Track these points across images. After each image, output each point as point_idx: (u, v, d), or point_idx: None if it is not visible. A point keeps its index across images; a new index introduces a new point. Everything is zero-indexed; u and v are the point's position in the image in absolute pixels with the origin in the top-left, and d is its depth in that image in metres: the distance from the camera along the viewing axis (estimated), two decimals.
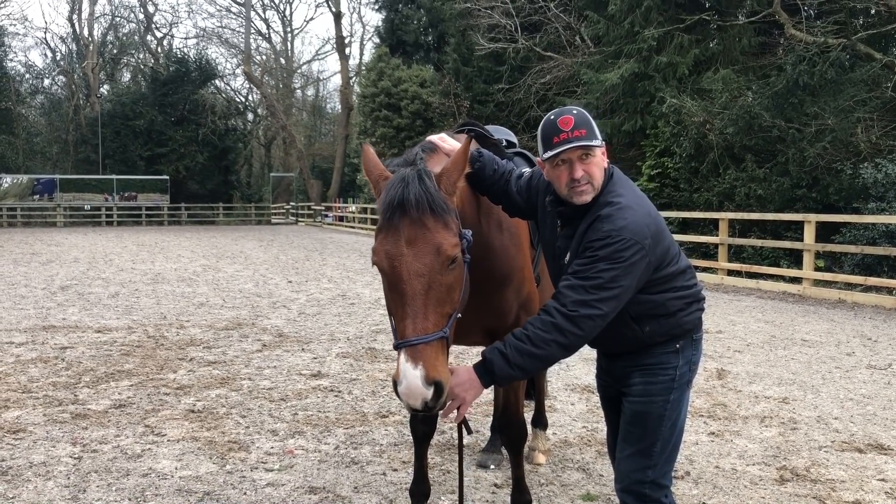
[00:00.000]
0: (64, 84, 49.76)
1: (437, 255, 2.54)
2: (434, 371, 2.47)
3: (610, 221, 2.57)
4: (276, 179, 54.18)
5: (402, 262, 2.53)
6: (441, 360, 2.52)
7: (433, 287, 2.54)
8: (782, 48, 17.13)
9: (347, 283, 14.46)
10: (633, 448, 2.79)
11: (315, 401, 6.09)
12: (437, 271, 2.54)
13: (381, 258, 2.59)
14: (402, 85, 32.31)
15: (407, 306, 2.52)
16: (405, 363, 2.46)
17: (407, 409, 2.57)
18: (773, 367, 7.49)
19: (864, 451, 5.00)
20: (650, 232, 2.60)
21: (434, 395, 2.47)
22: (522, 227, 3.43)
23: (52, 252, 21.63)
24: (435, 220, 2.57)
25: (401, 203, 2.56)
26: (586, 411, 5.91)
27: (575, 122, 2.64)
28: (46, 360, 7.42)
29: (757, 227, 16.29)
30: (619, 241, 2.53)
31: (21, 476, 4.42)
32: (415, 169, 2.66)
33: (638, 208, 2.64)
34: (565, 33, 23.59)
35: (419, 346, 2.47)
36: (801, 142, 15.35)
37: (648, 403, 2.76)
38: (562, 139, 2.63)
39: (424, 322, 2.50)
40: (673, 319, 2.75)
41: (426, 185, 2.60)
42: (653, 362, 2.78)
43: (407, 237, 2.55)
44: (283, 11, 65.19)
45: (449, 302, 2.60)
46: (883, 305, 11.70)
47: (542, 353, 2.55)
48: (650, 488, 2.77)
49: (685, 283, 2.78)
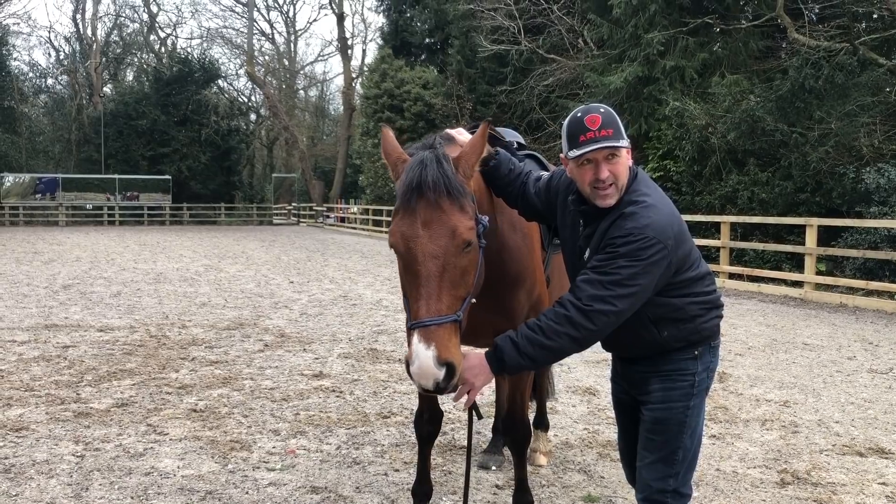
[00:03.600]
0: (67, 83, 49.84)
1: (452, 238, 2.55)
2: (446, 352, 2.47)
3: (633, 219, 2.55)
4: (278, 180, 54.24)
5: (418, 243, 2.55)
6: (454, 342, 2.52)
7: (447, 269, 2.54)
8: (785, 52, 17.13)
9: (349, 283, 14.47)
10: (655, 456, 2.76)
11: (317, 401, 6.10)
12: (452, 254, 2.55)
13: (396, 239, 2.60)
14: (405, 86, 32.33)
15: (421, 287, 2.53)
16: (418, 343, 2.47)
17: (418, 389, 2.56)
18: (775, 370, 7.49)
19: (865, 454, 5.00)
20: (673, 232, 2.58)
21: (446, 376, 2.47)
22: (534, 229, 3.43)
23: (55, 251, 21.67)
24: (451, 203, 2.58)
25: (418, 185, 2.57)
26: (588, 413, 5.91)
27: (602, 121, 2.61)
28: (49, 359, 7.44)
29: (759, 230, 16.29)
30: (641, 239, 2.51)
31: (24, 474, 4.43)
32: (433, 152, 2.67)
33: (663, 207, 2.63)
34: (568, 36, 23.61)
35: (432, 328, 2.48)
36: (804, 146, 15.35)
37: (669, 410, 2.74)
38: (588, 138, 2.60)
39: (438, 304, 2.51)
40: (692, 325, 2.72)
41: (444, 167, 2.61)
42: (671, 368, 2.75)
43: (423, 219, 2.56)
44: (286, 12, 65.33)
45: (463, 285, 2.60)
46: (884, 309, 11.70)
47: (554, 345, 2.54)
48: (672, 497, 2.75)
49: (705, 289, 2.76)
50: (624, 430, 3.06)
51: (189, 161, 44.80)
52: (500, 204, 3.15)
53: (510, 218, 3.22)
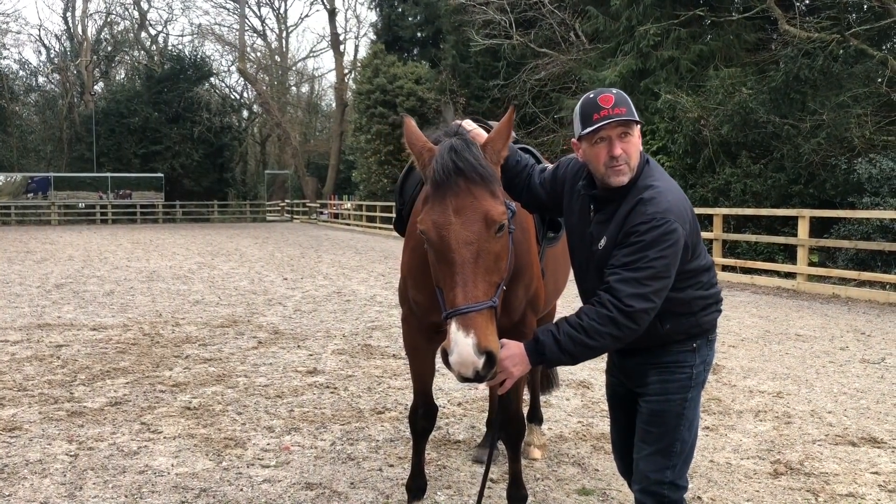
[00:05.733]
0: (58, 82, 49.51)
1: (484, 223, 2.53)
2: (486, 340, 2.45)
3: (654, 204, 2.56)
4: (271, 177, 54.10)
5: (451, 230, 2.52)
6: (492, 329, 2.49)
7: (482, 255, 2.52)
8: (775, 44, 17.14)
9: (343, 280, 14.46)
10: (653, 448, 2.77)
11: (311, 397, 6.10)
12: (486, 239, 2.53)
13: (428, 227, 2.57)
14: (397, 82, 32.27)
15: (457, 275, 2.50)
16: (457, 332, 2.43)
17: (457, 378, 2.51)
18: (768, 361, 7.52)
19: (858, 444, 5.02)
20: (689, 217, 2.63)
21: (486, 364, 2.45)
22: (530, 223, 3.43)
23: (47, 250, 21.58)
24: (482, 189, 2.57)
25: (450, 172, 2.56)
26: (581, 406, 5.93)
27: (615, 100, 2.64)
28: (42, 358, 7.41)
29: (751, 222, 16.32)
30: (664, 224, 2.52)
31: (17, 474, 4.42)
32: (461, 138, 2.66)
33: (677, 192, 2.67)
34: (560, 29, 23.59)
35: (471, 315, 2.45)
36: (797, 138, 15.37)
37: (666, 402, 2.75)
38: (602, 115, 2.61)
39: (475, 290, 2.48)
40: (693, 318, 2.74)
41: (473, 153, 2.60)
42: (670, 360, 2.76)
43: (455, 206, 2.54)
44: (277, 8, 64.90)
45: (497, 271, 2.59)
46: (876, 300, 11.75)
47: (595, 345, 2.55)
48: (669, 489, 2.76)
49: (709, 281, 2.78)
50: (618, 422, 3.07)
51: (182, 158, 44.67)
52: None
53: None
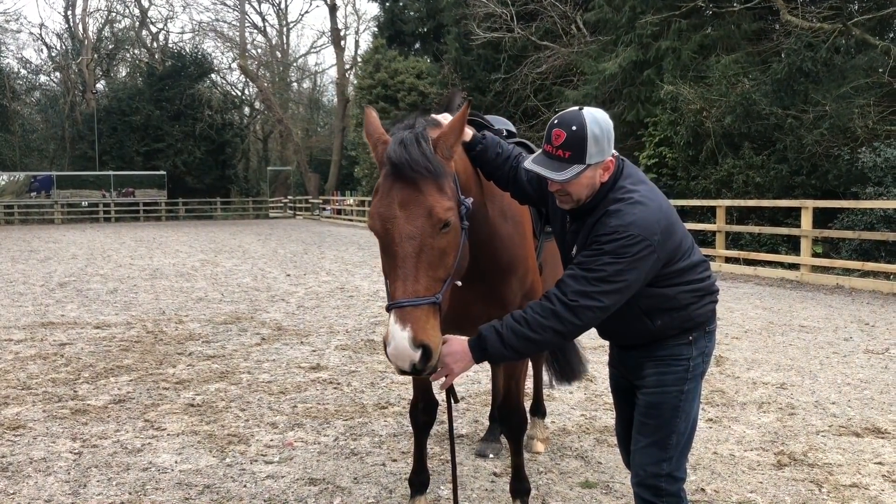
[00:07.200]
0: (60, 80, 49.58)
1: (428, 218, 2.52)
2: (422, 334, 2.46)
3: (618, 217, 2.55)
4: (273, 173, 54.08)
5: (395, 224, 2.52)
6: (431, 323, 2.50)
7: (425, 250, 2.52)
8: (778, 34, 17.06)
9: (346, 275, 14.47)
10: (649, 440, 2.77)
11: (314, 393, 6.11)
12: (429, 234, 2.52)
13: (374, 220, 2.59)
14: (399, 76, 32.23)
15: (398, 269, 2.51)
16: (394, 324, 2.46)
17: (396, 370, 2.55)
18: (771, 353, 7.50)
19: (862, 435, 5.02)
20: (660, 228, 2.57)
21: (422, 358, 2.46)
22: (526, 217, 3.42)
23: (50, 249, 21.62)
24: (428, 184, 2.55)
25: (396, 165, 2.55)
26: (584, 400, 5.93)
27: (566, 139, 2.57)
28: (45, 357, 7.43)
29: (755, 214, 16.28)
30: (625, 237, 2.50)
31: (21, 472, 4.43)
32: (412, 132, 2.64)
33: (649, 203, 2.60)
34: (561, 22, 23.52)
35: (408, 309, 2.47)
36: (799, 129, 15.32)
37: (662, 394, 2.75)
38: (545, 151, 2.63)
39: (415, 285, 2.49)
40: (685, 313, 2.72)
41: (422, 147, 2.58)
42: (665, 353, 2.76)
43: (400, 200, 2.54)
44: (278, 4, 64.84)
45: (442, 267, 2.58)
46: (880, 290, 11.72)
47: (538, 338, 2.55)
48: (666, 481, 2.75)
49: (698, 277, 2.75)
50: (621, 414, 3.08)
51: (184, 156, 44.68)
52: (491, 192, 3.14)
53: (501, 206, 3.20)
